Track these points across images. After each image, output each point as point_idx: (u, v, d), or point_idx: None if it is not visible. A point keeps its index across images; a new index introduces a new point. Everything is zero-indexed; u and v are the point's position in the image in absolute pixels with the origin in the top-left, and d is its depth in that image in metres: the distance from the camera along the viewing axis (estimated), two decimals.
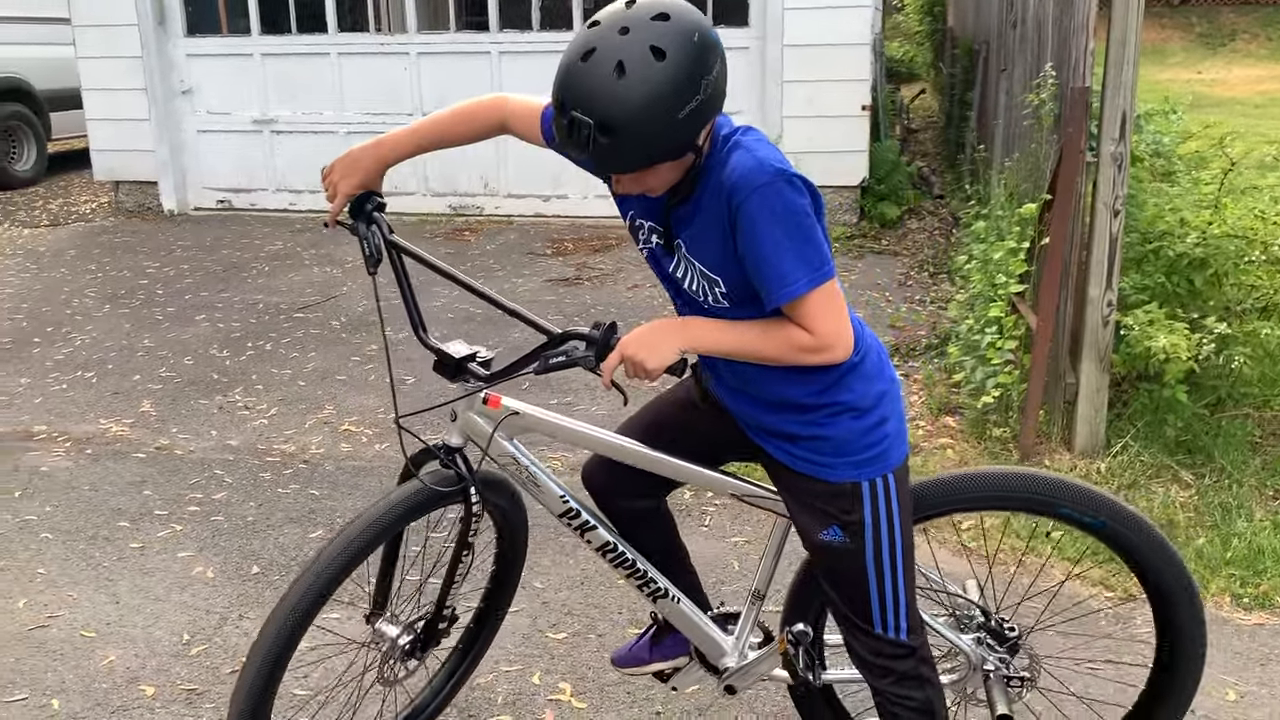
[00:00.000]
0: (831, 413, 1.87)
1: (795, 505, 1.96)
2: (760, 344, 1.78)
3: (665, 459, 2.04)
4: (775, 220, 1.68)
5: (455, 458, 2.11)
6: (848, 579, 1.92)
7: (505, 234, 8.18)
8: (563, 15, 8.43)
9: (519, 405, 2.07)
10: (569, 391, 4.92)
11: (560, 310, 6.13)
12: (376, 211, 2.06)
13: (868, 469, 1.88)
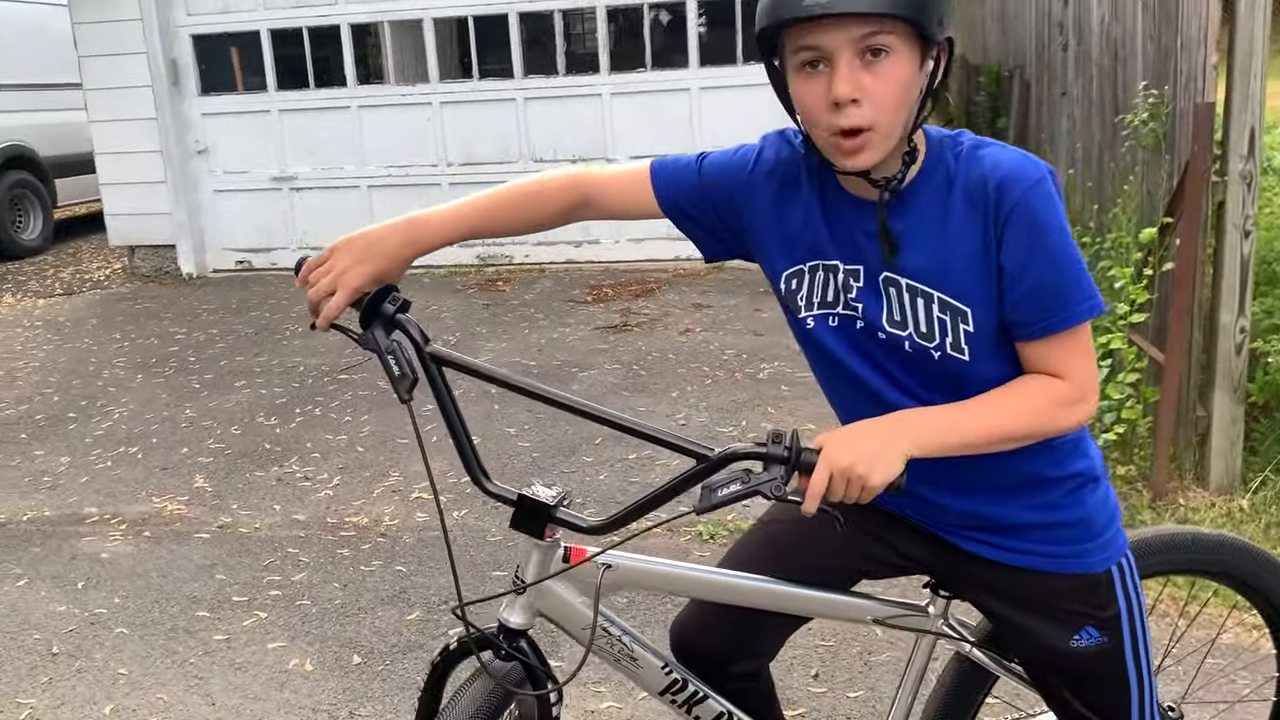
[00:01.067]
0: (1072, 488, 1.56)
1: (1030, 615, 1.60)
2: (1004, 415, 1.40)
3: (806, 594, 1.66)
4: (1058, 226, 1.38)
5: (521, 644, 1.61)
6: (1108, 685, 1.61)
7: (540, 282, 7.96)
8: (588, 60, 8.28)
9: (613, 556, 1.59)
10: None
11: (617, 359, 5.89)
12: (401, 313, 1.53)
13: (1114, 548, 1.59)
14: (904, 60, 1.33)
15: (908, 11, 1.30)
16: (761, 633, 1.76)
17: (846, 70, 1.32)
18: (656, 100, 8.04)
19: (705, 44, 7.90)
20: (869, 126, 1.34)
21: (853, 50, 1.32)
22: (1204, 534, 1.93)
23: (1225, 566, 1.86)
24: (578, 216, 1.69)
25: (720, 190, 1.59)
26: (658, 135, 8.05)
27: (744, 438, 4.61)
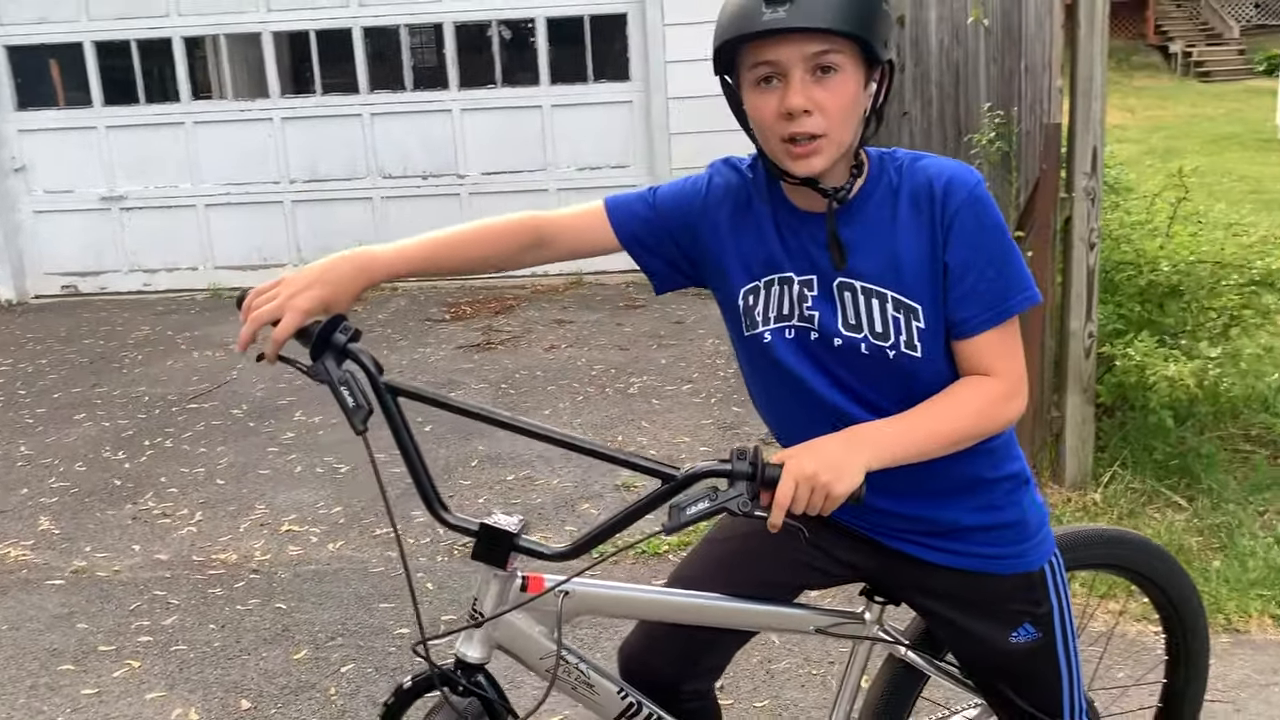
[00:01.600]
0: (1009, 489, 1.64)
1: (970, 615, 1.67)
2: (948, 420, 1.46)
3: (751, 608, 1.69)
4: (996, 224, 1.49)
5: (479, 679, 1.56)
6: (1043, 677, 1.71)
7: (394, 301, 7.79)
8: (436, 75, 8.17)
9: (570, 584, 1.57)
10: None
11: (484, 378, 5.82)
12: (352, 343, 1.50)
13: (1046, 548, 1.68)
14: (851, 78, 1.42)
15: (856, 29, 1.38)
16: (709, 650, 1.78)
17: (799, 84, 1.41)
18: (508, 117, 8.00)
19: (555, 62, 7.92)
20: (821, 134, 1.42)
21: (805, 66, 1.41)
22: (1107, 531, 2.07)
23: (1124, 561, 1.98)
24: (532, 257, 1.70)
25: (675, 219, 1.64)
26: (511, 152, 8.02)
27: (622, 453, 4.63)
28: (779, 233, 1.56)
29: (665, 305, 7.23)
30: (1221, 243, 3.78)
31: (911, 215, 1.50)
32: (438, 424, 5.13)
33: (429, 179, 8.14)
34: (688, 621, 1.72)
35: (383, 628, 3.33)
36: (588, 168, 8.02)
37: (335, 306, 1.53)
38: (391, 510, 1.59)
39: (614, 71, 7.92)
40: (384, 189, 8.17)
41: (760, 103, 1.44)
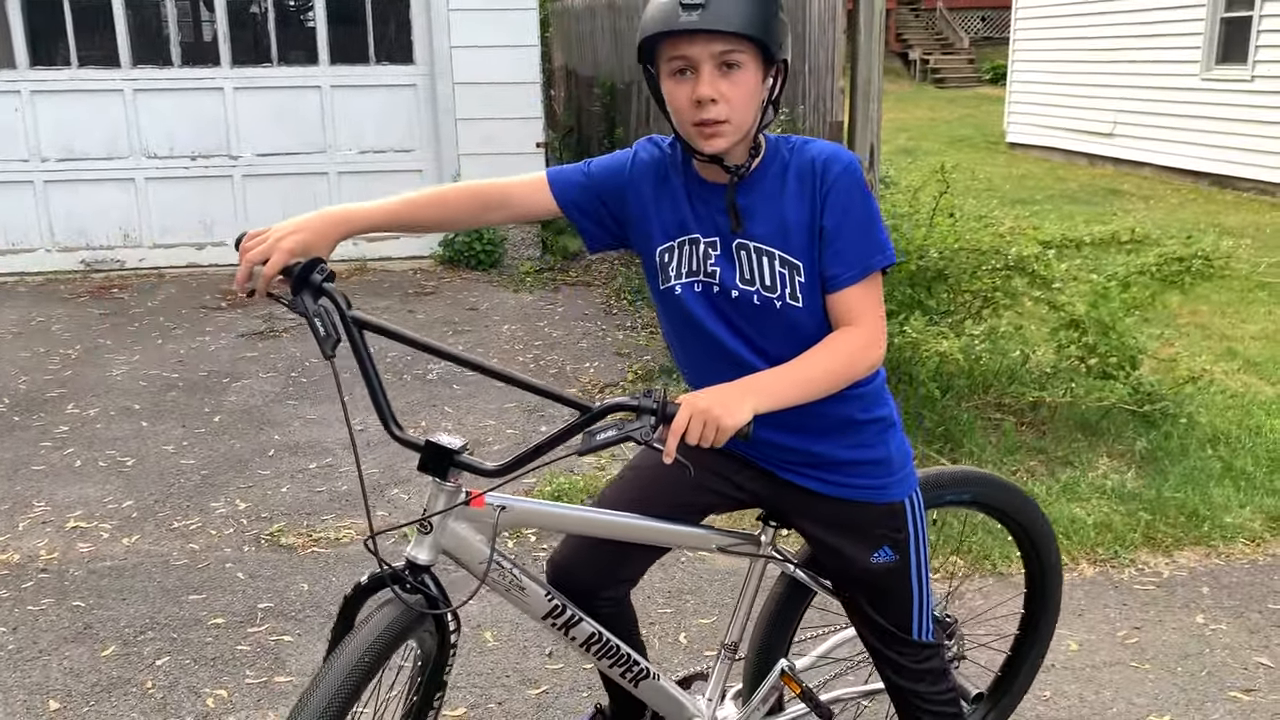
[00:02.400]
0: (877, 430, 1.90)
1: (840, 536, 1.93)
2: (821, 367, 1.69)
3: (660, 526, 1.94)
4: (864, 194, 1.75)
5: (424, 579, 1.73)
6: (895, 595, 1.96)
7: (162, 288, 7.39)
8: (206, 51, 7.80)
9: (506, 499, 1.78)
10: None
11: (271, 367, 5.66)
12: (327, 282, 1.70)
13: (908, 484, 1.95)
14: (751, 74, 1.68)
15: (756, 33, 1.63)
16: (625, 563, 2.03)
17: (708, 77, 1.66)
18: (286, 97, 7.74)
19: (336, 41, 7.73)
20: (724, 119, 1.67)
21: (713, 62, 1.65)
22: (971, 472, 2.32)
23: (985, 497, 2.25)
24: (491, 217, 1.95)
25: (608, 186, 1.88)
26: (288, 134, 7.77)
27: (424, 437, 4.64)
28: (690, 201, 1.81)
29: (458, 292, 7.24)
30: (977, 232, 4.21)
31: (797, 187, 1.75)
32: (225, 415, 4.97)
33: (198, 160, 7.77)
34: (607, 536, 1.95)
35: (195, 619, 3.24)
36: (370, 151, 7.89)
37: (315, 250, 1.73)
38: (351, 428, 1.84)
39: (398, 54, 7.82)
40: (147, 170, 7.73)
41: (676, 91, 1.69)
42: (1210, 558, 3.61)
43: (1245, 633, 3.15)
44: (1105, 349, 4.31)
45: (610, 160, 1.90)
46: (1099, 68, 13.43)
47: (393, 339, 1.76)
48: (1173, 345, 5.16)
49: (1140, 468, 4.20)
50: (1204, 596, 3.36)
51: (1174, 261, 4.86)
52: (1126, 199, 10.98)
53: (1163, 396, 4.44)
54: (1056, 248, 4.24)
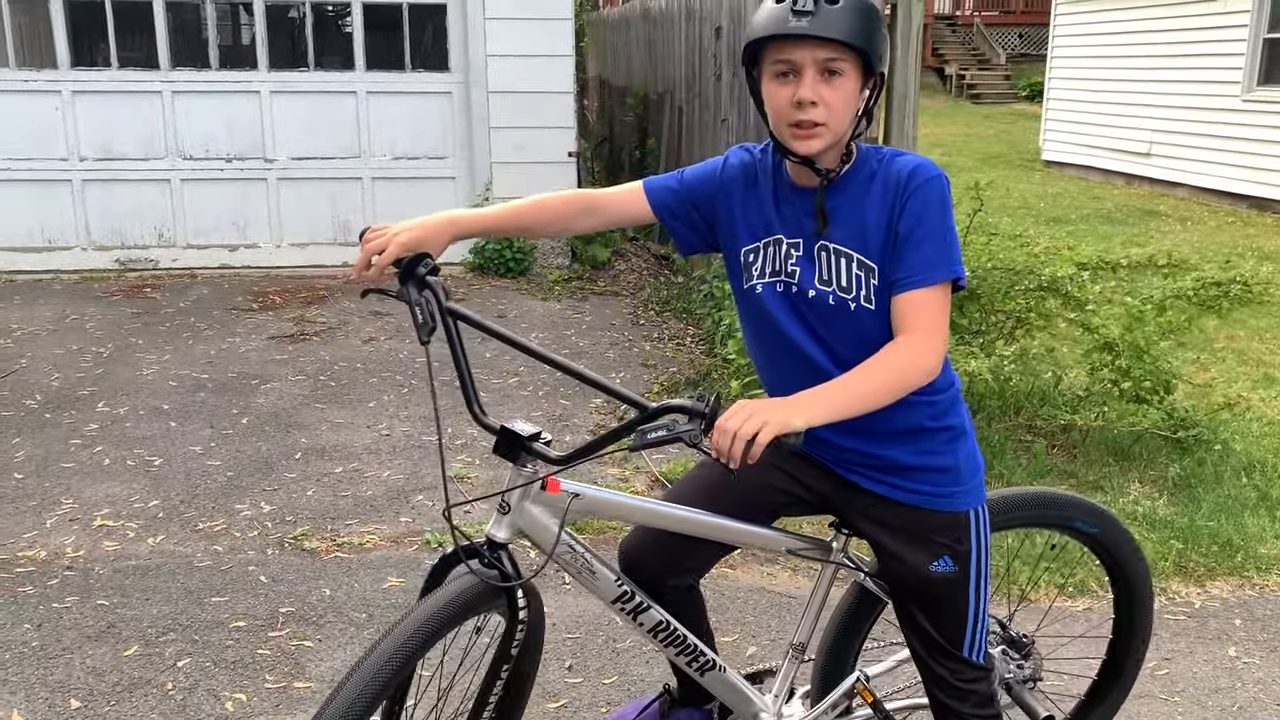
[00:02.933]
0: (947, 439, 1.92)
1: (903, 541, 1.95)
2: (875, 379, 1.71)
3: (728, 525, 2.00)
4: (944, 207, 1.79)
5: (500, 555, 1.84)
6: (950, 608, 1.97)
7: (194, 289, 7.45)
8: (245, 55, 7.87)
9: (580, 487, 1.89)
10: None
11: (300, 370, 5.68)
12: (431, 275, 1.86)
13: (975, 497, 1.96)
14: (851, 81, 1.76)
15: (860, 43, 1.72)
16: (692, 554, 2.08)
17: (810, 80, 1.74)
18: (321, 101, 7.80)
19: (372, 47, 7.78)
20: (822, 122, 1.75)
21: (816, 68, 1.74)
22: (1053, 493, 2.31)
23: (1066, 520, 2.24)
24: (586, 223, 2.07)
25: (700, 191, 1.98)
26: (323, 138, 7.83)
27: (452, 445, 4.65)
28: (777, 204, 1.89)
29: (487, 299, 7.25)
30: (1011, 251, 4.17)
31: (881, 195, 1.80)
32: (253, 417, 4.99)
33: (233, 162, 7.83)
34: (674, 529, 2.00)
35: (218, 621, 3.25)
36: (404, 157, 7.93)
37: (426, 247, 1.87)
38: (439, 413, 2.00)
39: (433, 61, 7.86)
40: (183, 171, 7.80)
41: (778, 92, 1.77)
42: (1244, 589, 3.54)
43: (1279, 667, 3.08)
44: (1139, 373, 4.25)
45: (702, 167, 2.00)
46: (1137, 86, 13.30)
47: (484, 332, 1.90)
48: (1208, 370, 5.08)
49: (1173, 495, 4.14)
50: (1237, 629, 3.29)
51: (1211, 286, 4.81)
52: (1163, 220, 10.85)
53: (1197, 423, 4.37)
54: (1092, 269, 4.18)
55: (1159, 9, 12.90)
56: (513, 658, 1.92)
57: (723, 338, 5.51)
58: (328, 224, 7.97)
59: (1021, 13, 25.78)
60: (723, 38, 6.76)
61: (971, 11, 26.12)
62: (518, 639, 1.90)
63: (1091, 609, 3.40)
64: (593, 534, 3.71)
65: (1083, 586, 3.52)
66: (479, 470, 4.37)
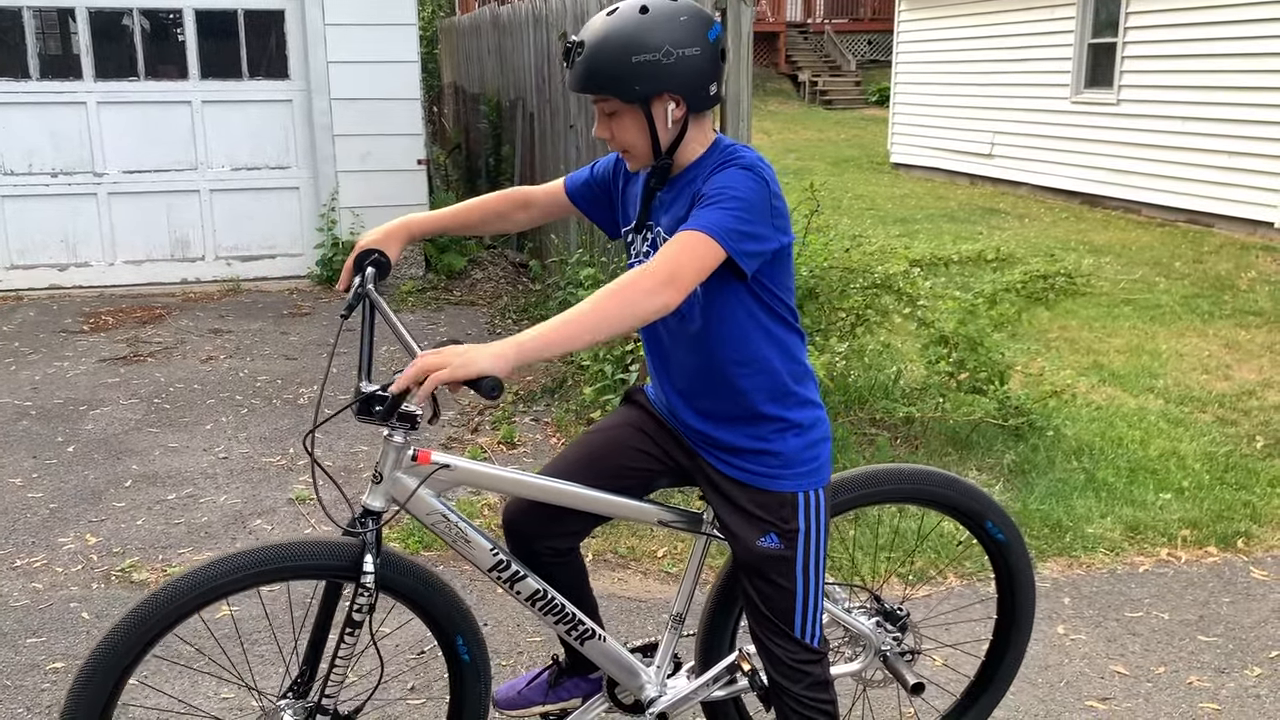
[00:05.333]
0: (779, 429, 2.00)
1: (734, 515, 2.04)
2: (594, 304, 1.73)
3: (600, 496, 2.08)
4: (744, 184, 1.83)
5: (367, 522, 1.94)
6: (778, 585, 2.02)
7: (20, 312, 7.03)
8: (70, 65, 7.46)
9: (451, 459, 1.98)
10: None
11: (133, 393, 5.41)
12: (371, 266, 2.09)
13: (805, 481, 2.03)
14: (628, 115, 1.89)
15: (600, 87, 1.86)
16: (567, 522, 2.16)
17: (600, 120, 1.94)
18: (153, 112, 7.46)
19: (206, 56, 7.49)
20: (626, 149, 1.95)
21: (600, 111, 1.92)
22: (905, 468, 2.35)
23: (930, 495, 2.32)
24: (516, 217, 2.24)
25: (604, 179, 2.16)
26: (157, 150, 7.50)
27: (294, 465, 4.49)
28: (639, 196, 2.04)
29: (335, 312, 7.05)
30: (848, 251, 4.26)
31: (705, 178, 1.89)
32: (80, 445, 4.73)
33: (59, 176, 7.43)
34: (548, 501, 2.09)
35: (33, 663, 3.04)
36: (244, 168, 7.66)
37: (382, 246, 2.11)
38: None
39: (273, 69, 7.61)
40: (4, 187, 7.37)
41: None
42: (1072, 568, 3.69)
43: (1103, 641, 3.22)
44: (974, 364, 4.40)
45: (608, 158, 2.16)
46: (978, 90, 13.86)
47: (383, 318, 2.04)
48: (1039, 360, 5.30)
49: (1009, 480, 4.29)
50: (1065, 607, 3.43)
51: (1038, 279, 5.01)
52: (1003, 218, 11.32)
53: (1029, 410, 4.55)
54: (925, 266, 4.31)
55: (993, 15, 13.48)
56: (357, 626, 1.98)
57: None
58: (164, 239, 7.64)
59: (870, 20, 26.62)
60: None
61: (823, 19, 26.83)
62: (360, 606, 1.97)
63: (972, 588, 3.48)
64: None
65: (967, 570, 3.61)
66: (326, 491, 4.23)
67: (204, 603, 1.91)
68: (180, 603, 1.89)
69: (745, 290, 1.91)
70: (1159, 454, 4.55)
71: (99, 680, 1.87)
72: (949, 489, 2.34)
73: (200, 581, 1.90)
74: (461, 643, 2.10)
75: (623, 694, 2.27)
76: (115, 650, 1.87)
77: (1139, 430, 4.81)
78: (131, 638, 1.87)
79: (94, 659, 1.87)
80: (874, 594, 2.44)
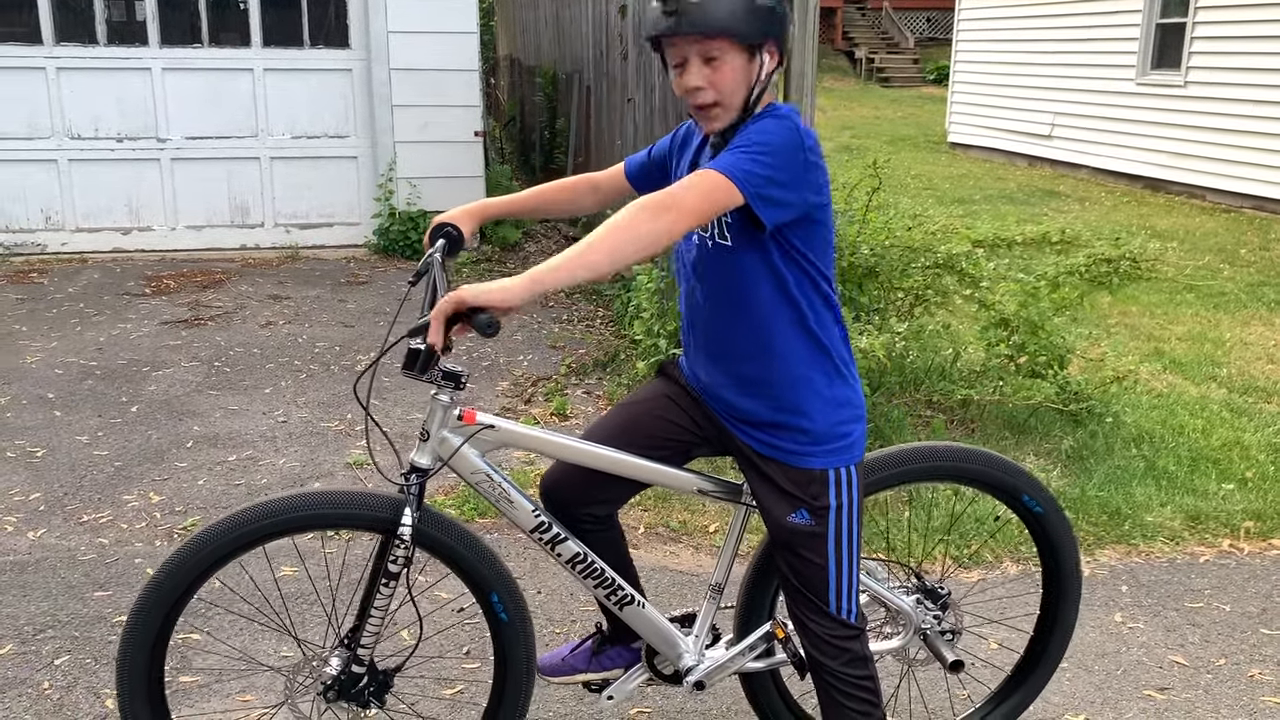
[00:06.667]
0: (808, 403, 1.98)
1: (765, 490, 2.03)
2: (604, 230, 1.73)
3: (642, 463, 2.09)
4: (777, 133, 1.82)
5: (412, 479, 1.99)
6: (811, 562, 2.01)
7: (85, 274, 7.17)
8: (134, 30, 7.57)
9: (495, 420, 2.03)
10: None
11: (195, 356, 5.51)
12: (443, 239, 2.16)
13: (835, 459, 2.00)
14: (732, 62, 1.84)
15: (725, 28, 1.80)
16: (605, 488, 2.19)
17: (695, 69, 1.85)
18: (216, 79, 7.55)
19: (269, 24, 7.55)
20: (714, 103, 1.86)
21: (698, 58, 1.84)
22: (938, 446, 2.34)
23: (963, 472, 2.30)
24: (583, 201, 2.29)
25: (659, 157, 2.19)
26: (219, 117, 7.59)
27: (352, 431, 4.55)
28: (696, 156, 2.03)
29: (391, 282, 7.11)
30: (909, 230, 4.21)
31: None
32: (143, 405, 4.83)
33: (124, 142, 7.55)
34: (591, 466, 2.11)
35: (100, 616, 3.13)
36: (304, 136, 7.73)
37: (456, 221, 2.17)
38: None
39: (334, 38, 7.66)
40: (71, 151, 7.50)
41: (675, 82, 1.91)
42: (1130, 556, 3.64)
43: (1162, 631, 3.17)
44: (1034, 348, 4.34)
45: (664, 139, 2.19)
46: (1039, 70, 13.61)
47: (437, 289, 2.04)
48: (1100, 345, 5.22)
49: (1066, 466, 4.24)
50: (1123, 595, 3.38)
51: (1102, 263, 4.91)
52: (1062, 200, 11.13)
53: (1089, 396, 4.48)
54: (988, 247, 4.25)
55: None
56: (393, 577, 2.03)
57: (630, 319, 5.48)
58: (224, 205, 7.74)
59: None
60: (628, 17, 6.71)
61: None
62: (396, 558, 2.02)
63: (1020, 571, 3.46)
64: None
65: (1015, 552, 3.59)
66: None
67: (241, 546, 1.99)
68: (217, 545, 1.97)
69: (775, 251, 1.88)
70: (1221, 444, 4.46)
71: (146, 619, 2.00)
72: (981, 464, 2.32)
73: (237, 524, 1.98)
74: (497, 600, 2.13)
75: (662, 663, 2.29)
76: (161, 590, 1.99)
77: (1201, 419, 4.73)
78: (175, 579, 1.98)
79: (142, 599, 2.00)
80: (915, 572, 2.43)
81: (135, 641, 2.01)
